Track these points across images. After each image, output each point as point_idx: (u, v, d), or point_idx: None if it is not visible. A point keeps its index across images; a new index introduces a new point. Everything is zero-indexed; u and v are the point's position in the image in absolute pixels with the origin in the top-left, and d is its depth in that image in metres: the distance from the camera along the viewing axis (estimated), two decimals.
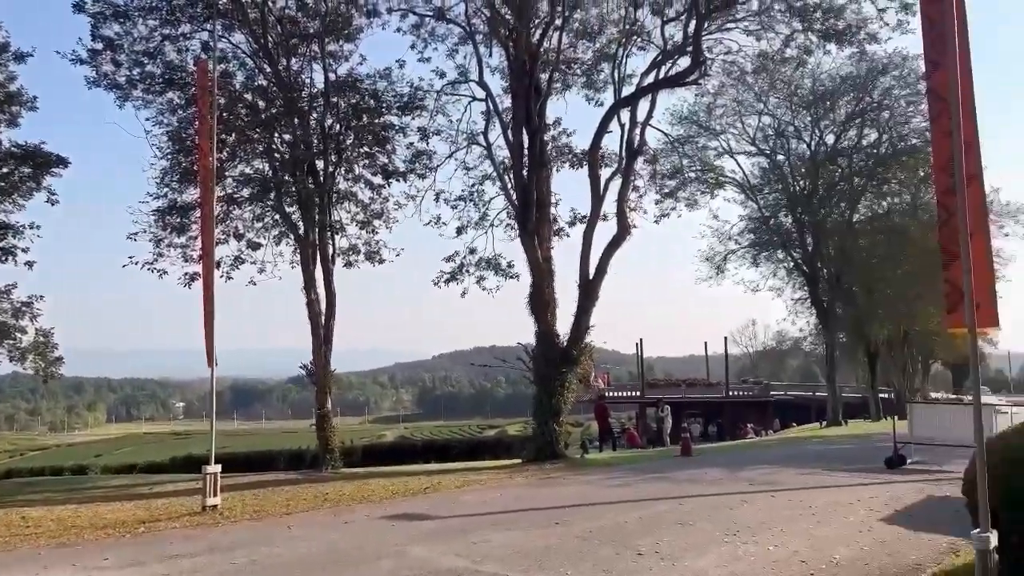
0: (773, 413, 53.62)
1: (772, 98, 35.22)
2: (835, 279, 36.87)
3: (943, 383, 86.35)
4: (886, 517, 9.72)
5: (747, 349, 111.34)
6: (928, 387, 66.40)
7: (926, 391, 60.84)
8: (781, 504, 10.85)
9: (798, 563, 7.33)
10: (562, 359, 18.82)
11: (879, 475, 13.99)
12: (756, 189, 38.25)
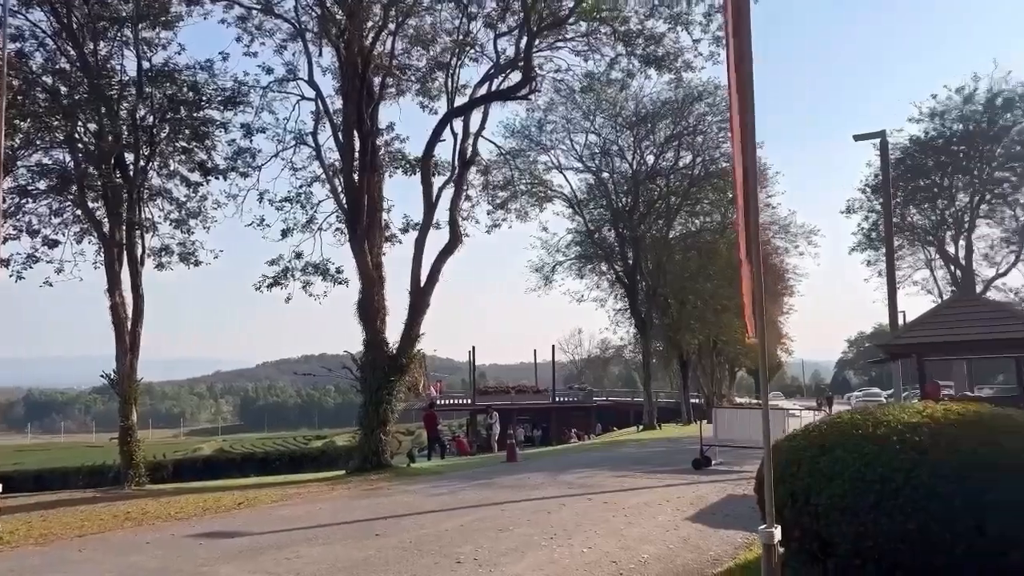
0: (596, 418, 55.99)
1: (599, 117, 36.91)
2: (652, 291, 39.06)
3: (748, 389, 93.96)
4: (691, 516, 10.34)
5: (574, 357, 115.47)
6: (734, 392, 71.83)
7: (732, 396, 65.74)
8: (597, 506, 11.26)
9: (609, 563, 7.61)
10: (391, 367, 18.58)
11: (687, 476, 14.90)
12: (583, 204, 39.82)
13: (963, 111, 35.92)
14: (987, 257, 38.64)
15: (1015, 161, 35.84)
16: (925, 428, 5.70)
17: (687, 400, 43.96)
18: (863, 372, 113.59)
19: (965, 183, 37.04)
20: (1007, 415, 5.88)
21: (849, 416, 6.71)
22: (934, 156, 36.86)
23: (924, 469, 5.32)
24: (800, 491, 5.94)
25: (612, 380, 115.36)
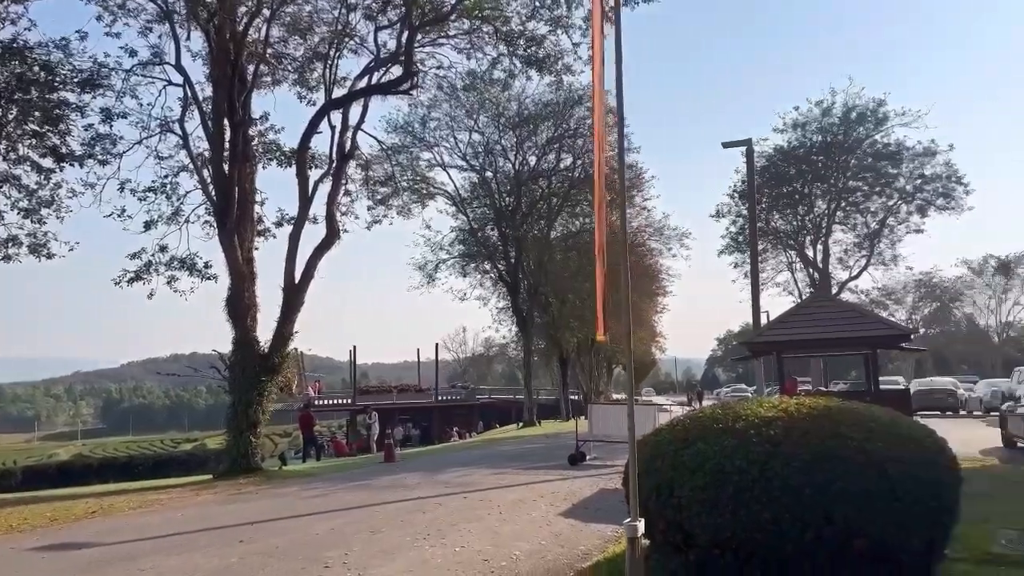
0: (478, 416, 56.23)
1: (482, 116, 36.98)
2: (533, 290, 39.52)
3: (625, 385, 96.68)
4: (564, 511, 10.48)
5: (458, 355, 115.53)
6: (611, 389, 73.77)
7: (609, 393, 67.52)
8: (472, 504, 11.22)
9: (481, 562, 7.58)
10: (262, 367, 17.87)
11: (562, 471, 15.13)
12: (466, 202, 39.81)
13: (822, 123, 38.45)
14: (841, 261, 41.51)
15: (866, 172, 38.69)
16: (779, 422, 5.94)
17: (566, 397, 44.77)
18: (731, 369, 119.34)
19: (823, 191, 39.62)
20: (852, 409, 6.22)
21: (711, 411, 6.94)
22: (796, 165, 39.23)
23: (778, 461, 5.54)
24: (664, 484, 6.07)
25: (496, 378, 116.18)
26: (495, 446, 25.06)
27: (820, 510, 5.31)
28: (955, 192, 37.94)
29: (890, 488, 5.35)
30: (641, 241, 43.88)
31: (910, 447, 5.70)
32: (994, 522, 7.90)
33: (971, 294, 70.80)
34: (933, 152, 37.71)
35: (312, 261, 19.23)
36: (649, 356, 72.26)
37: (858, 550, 5.26)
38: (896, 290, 62.78)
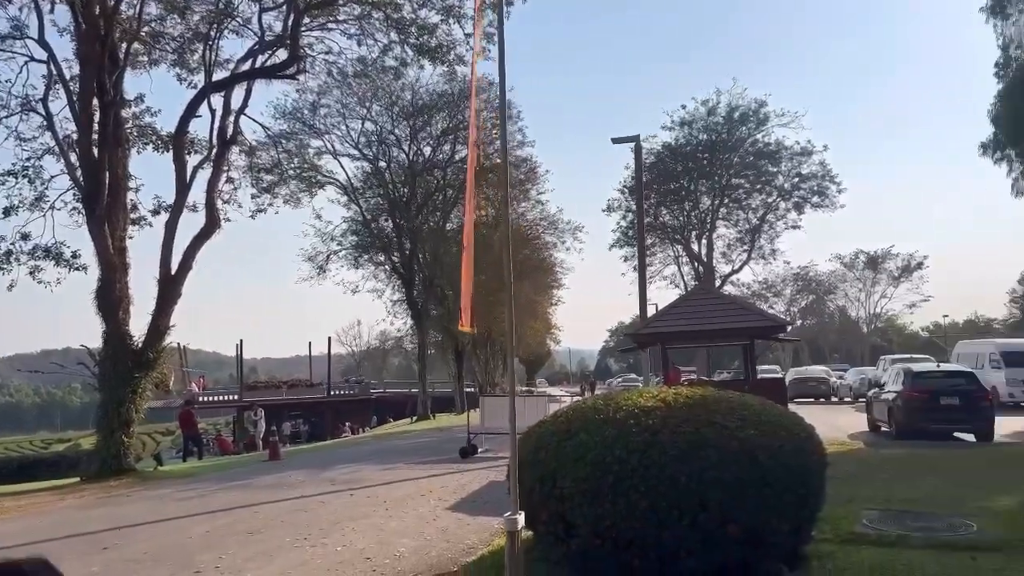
0: (373, 410, 55.34)
1: (375, 105, 36.28)
2: (429, 282, 39.19)
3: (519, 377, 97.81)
4: (452, 505, 10.38)
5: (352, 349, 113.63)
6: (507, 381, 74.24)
7: (504, 385, 67.89)
8: (359, 501, 10.97)
9: (363, 560, 7.37)
10: (135, 363, 16.86)
11: (453, 465, 15.03)
12: (359, 192, 39.00)
13: (707, 122, 39.84)
14: (724, 255, 43.19)
15: (748, 170, 40.38)
16: (658, 412, 6.02)
17: (461, 390, 44.69)
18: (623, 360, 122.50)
19: (708, 188, 41.08)
20: (726, 398, 6.39)
21: (593, 401, 6.99)
22: (682, 162, 40.54)
23: (656, 450, 5.61)
24: (547, 476, 6.05)
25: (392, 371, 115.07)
26: (387, 441, 24.71)
27: (696, 497, 5.41)
28: (829, 190, 40.19)
29: (761, 474, 5.51)
30: (536, 235, 44.26)
31: (780, 434, 5.89)
32: (858, 503, 8.33)
33: (843, 287, 75.40)
34: (809, 152, 39.83)
35: (190, 251, 18.28)
36: (544, 348, 73.28)
37: (731, 535, 5.40)
38: (775, 283, 66.14)
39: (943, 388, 16.60)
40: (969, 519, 7.26)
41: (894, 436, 16.93)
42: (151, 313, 17.66)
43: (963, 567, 5.60)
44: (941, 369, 18.90)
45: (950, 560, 5.85)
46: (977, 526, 6.96)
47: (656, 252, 43.66)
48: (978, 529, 6.84)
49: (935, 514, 7.63)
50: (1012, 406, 23.51)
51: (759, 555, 5.54)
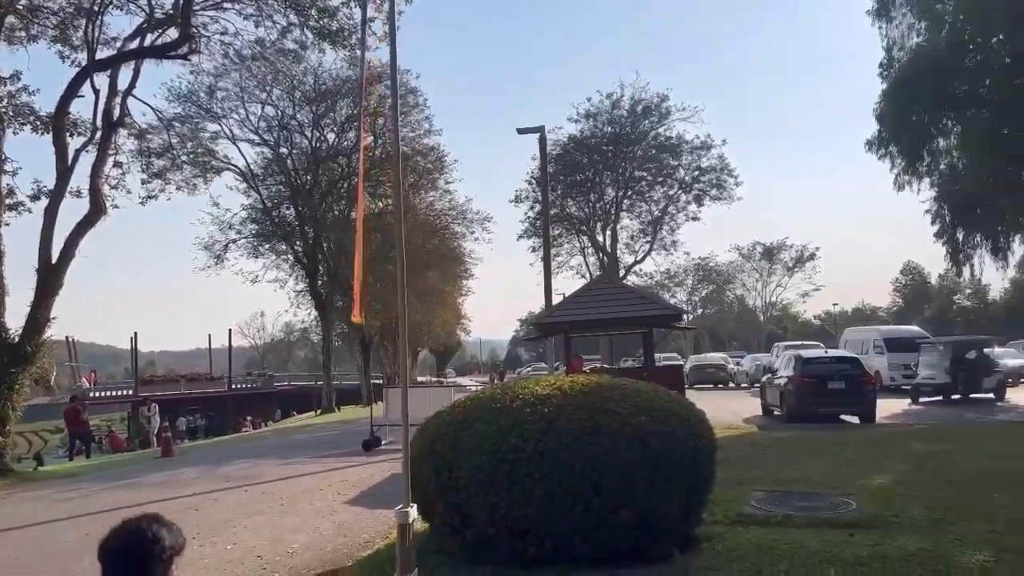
0: (276, 404, 53.96)
1: (276, 89, 35.09)
2: (333, 272, 38.33)
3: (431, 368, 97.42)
4: (351, 499, 10.17)
5: (255, 341, 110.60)
6: (416, 372, 73.78)
7: (414, 376, 67.43)
8: (253, 498, 10.61)
9: (254, 559, 7.12)
10: (12, 357, 15.77)
11: (355, 458, 14.76)
12: (259, 179, 37.71)
13: (612, 115, 40.47)
14: (628, 246, 44.08)
15: (651, 163, 41.30)
16: (554, 399, 6.03)
17: (368, 382, 44.05)
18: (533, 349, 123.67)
19: (612, 180, 41.77)
20: (620, 385, 6.45)
21: (491, 390, 6.94)
22: (588, 154, 41.06)
23: (551, 437, 5.61)
24: (444, 466, 5.98)
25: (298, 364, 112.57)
26: (289, 435, 24.10)
27: (589, 483, 5.44)
28: (727, 183, 41.59)
29: (653, 459, 5.60)
30: (444, 224, 43.95)
31: (672, 420, 5.99)
32: (747, 484, 8.61)
33: (741, 277, 78.34)
34: (708, 146, 41.07)
35: (73, 239, 17.20)
36: (455, 338, 73.07)
37: (624, 520, 5.46)
38: (677, 273, 67.95)
39: (830, 373, 17.42)
40: (849, 497, 7.60)
41: (785, 420, 17.67)
42: (30, 304, 16.56)
43: (842, 543, 5.84)
44: (828, 355, 19.84)
45: (831, 537, 6.09)
46: (856, 504, 7.30)
47: (563, 243, 44.17)
48: (857, 507, 7.17)
49: (818, 493, 7.97)
50: (894, 389, 24.93)
51: (651, 539, 5.63)
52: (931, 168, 25.26)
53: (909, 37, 24.72)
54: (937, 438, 11.98)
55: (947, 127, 24.21)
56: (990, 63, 21.72)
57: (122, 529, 2.25)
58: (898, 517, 6.68)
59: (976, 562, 5.20)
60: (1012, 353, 30.38)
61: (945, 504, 7.07)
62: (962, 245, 25.33)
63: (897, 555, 5.42)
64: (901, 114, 24.06)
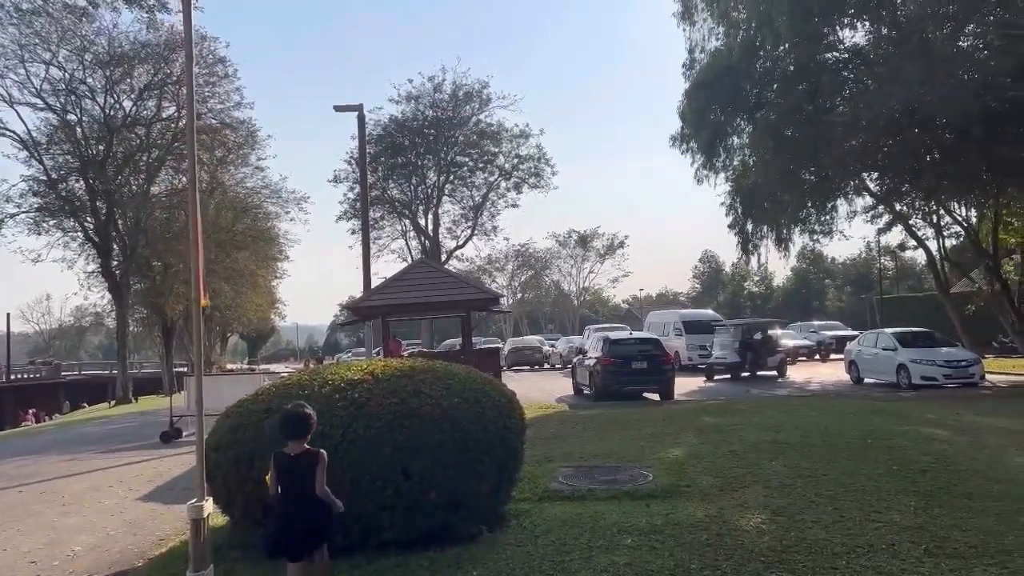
0: (64, 395, 49.38)
1: (63, 49, 31.54)
2: (131, 252, 35.33)
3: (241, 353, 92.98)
4: (145, 495, 9.46)
5: (40, 326, 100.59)
6: (225, 358, 70.09)
7: (224, 363, 64.02)
8: (30, 498, 9.59)
9: (27, 564, 6.45)
10: None
11: (153, 451, 13.77)
12: (42, 148, 33.86)
13: (434, 98, 40.31)
14: (450, 230, 44.20)
15: (472, 148, 41.63)
16: (365, 384, 5.91)
17: (170, 370, 41.21)
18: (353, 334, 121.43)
19: (434, 163, 41.66)
20: (432, 367, 6.43)
21: (298, 377, 6.69)
22: (409, 137, 40.69)
23: (360, 422, 5.50)
24: (245, 456, 5.68)
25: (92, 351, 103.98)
26: (76, 428, 22.01)
27: (399, 466, 5.39)
28: (544, 172, 42.73)
29: (463, 439, 5.63)
30: (256, 203, 41.93)
31: (483, 401, 6.06)
32: (556, 461, 8.94)
33: (558, 263, 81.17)
34: (527, 135, 41.94)
35: None
36: (268, 323, 70.15)
37: (433, 501, 5.46)
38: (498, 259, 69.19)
39: (634, 353, 18.48)
40: (647, 470, 8.08)
41: (593, 398, 18.55)
42: None
43: (639, 513, 6.18)
44: (633, 336, 21.00)
45: (629, 508, 6.44)
46: (653, 476, 7.77)
47: (384, 226, 43.48)
48: (653, 479, 7.64)
49: (620, 467, 8.40)
50: (691, 368, 26.94)
51: (460, 518, 5.67)
52: (726, 164, 27.36)
53: (709, 40, 26.59)
54: (725, 412, 13.04)
55: (740, 126, 26.30)
56: (777, 69, 23.80)
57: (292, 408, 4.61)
58: (690, 487, 7.19)
59: (753, 524, 5.70)
60: (791, 334, 33.89)
61: (730, 473, 7.69)
62: (751, 236, 27.68)
63: (687, 522, 5.82)
64: (700, 112, 25.84)
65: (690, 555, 4.98)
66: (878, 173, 23.97)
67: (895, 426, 10.48)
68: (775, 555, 4.90)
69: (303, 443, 4.46)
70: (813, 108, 22.20)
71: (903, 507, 6.05)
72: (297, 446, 4.44)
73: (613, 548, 5.25)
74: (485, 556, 5.26)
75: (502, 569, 4.95)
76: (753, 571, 4.60)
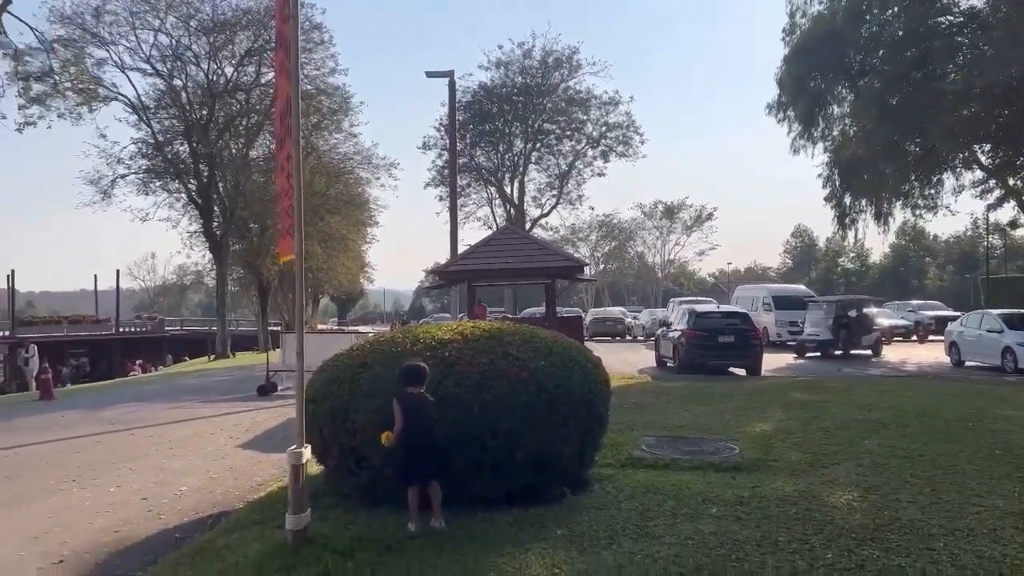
0: (167, 348, 52.07)
1: (170, 16, 32.93)
2: (230, 213, 36.85)
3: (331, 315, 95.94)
4: (244, 443, 9.95)
5: (146, 283, 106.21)
6: (316, 319, 72.45)
7: (314, 323, 66.20)
8: (139, 441, 10.23)
9: (139, 501, 6.89)
10: None
11: (250, 403, 14.45)
12: (150, 112, 35.51)
13: (523, 65, 40.07)
14: (535, 199, 44.14)
15: (560, 116, 41.27)
16: (455, 344, 6.03)
17: (265, 327, 42.97)
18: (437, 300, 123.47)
19: (521, 131, 41.53)
20: (520, 330, 6.50)
21: (391, 335, 6.86)
22: (498, 104, 40.62)
23: (451, 380, 5.62)
24: (340, 409, 5.91)
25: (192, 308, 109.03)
26: (179, 379, 23.29)
27: (487, 425, 5.49)
28: (633, 140, 42.04)
29: (549, 402, 5.69)
30: (349, 168, 42.87)
31: (569, 365, 6.09)
32: (639, 430, 8.92)
33: (642, 234, 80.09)
34: (616, 102, 41.28)
35: None
36: (357, 286, 71.98)
37: (519, 461, 5.56)
38: (582, 228, 68.94)
39: (721, 327, 18.15)
40: (733, 443, 7.99)
41: (677, 371, 18.36)
42: None
43: (724, 485, 6.13)
44: (720, 310, 20.60)
45: (714, 479, 6.40)
46: (739, 449, 7.67)
47: (470, 193, 43.75)
48: (739, 452, 7.55)
49: (705, 439, 8.33)
50: (780, 345, 26.28)
51: (545, 479, 5.75)
52: (825, 134, 26.32)
53: (811, 4, 25.47)
54: (815, 389, 12.70)
55: (841, 94, 25.20)
56: (884, 35, 22.63)
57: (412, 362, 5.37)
58: (777, 461, 7.07)
59: (844, 501, 5.57)
60: (888, 313, 32.55)
61: (820, 449, 7.53)
62: (849, 209, 26.63)
63: (774, 495, 5.74)
64: (800, 80, 24.88)
65: (777, 528, 4.92)
66: (991, 145, 22.60)
67: (998, 410, 10.00)
68: (867, 533, 4.78)
69: (419, 390, 5.19)
70: (922, 76, 21.04)
71: (1007, 492, 5.79)
72: (415, 389, 5.19)
73: (698, 516, 5.23)
74: (568, 517, 5.33)
75: (585, 531, 5.01)
76: (844, 547, 4.51)
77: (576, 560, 4.41)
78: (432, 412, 5.18)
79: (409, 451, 5.14)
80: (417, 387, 5.20)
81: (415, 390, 5.19)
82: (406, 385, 5.21)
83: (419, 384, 5.22)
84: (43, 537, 5.78)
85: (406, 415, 5.13)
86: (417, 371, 5.26)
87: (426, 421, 5.15)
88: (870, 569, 4.15)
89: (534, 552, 4.56)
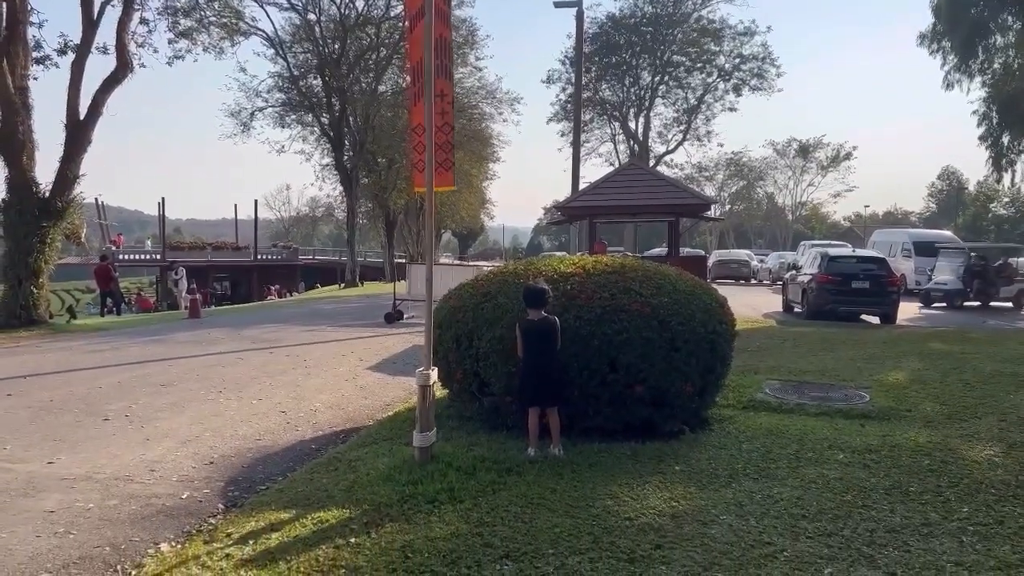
0: (300, 276, 54.85)
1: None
2: (360, 147, 38.00)
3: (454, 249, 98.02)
4: (373, 365, 10.44)
5: (281, 214, 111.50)
6: (439, 253, 74.26)
7: (438, 256, 67.88)
8: (277, 360, 10.92)
9: (278, 413, 7.39)
10: (42, 211, 16.01)
11: (377, 329, 15.09)
12: (286, 46, 36.82)
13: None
14: (661, 135, 42.95)
15: (691, 47, 39.62)
16: (576, 277, 6.03)
17: (391, 259, 44.50)
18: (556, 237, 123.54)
19: (649, 64, 40.23)
20: (643, 267, 6.41)
21: (513, 266, 6.94)
22: (625, 35, 39.40)
23: (571, 312, 5.65)
24: (464, 335, 6.08)
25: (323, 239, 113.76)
26: (312, 304, 24.57)
27: (606, 359, 5.51)
28: (768, 74, 39.94)
29: (671, 339, 5.63)
30: (473, 103, 43.03)
31: (693, 303, 5.98)
32: (763, 373, 8.71)
33: (773, 174, 76.58)
34: (752, 32, 39.19)
35: (100, 96, 17.04)
36: (478, 222, 72.99)
37: (638, 395, 5.56)
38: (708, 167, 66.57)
39: (855, 272, 17.23)
40: (863, 391, 7.67)
41: (805, 316, 17.67)
42: (59, 160, 16.64)
43: (853, 432, 5.92)
44: (855, 254, 19.53)
45: (842, 426, 6.19)
46: (870, 397, 7.36)
47: (593, 129, 43.09)
48: (870, 400, 7.24)
49: (833, 385, 8.04)
50: (918, 293, 24.73)
51: (663, 415, 5.74)
52: (984, 67, 24.09)
53: None
54: (957, 340, 11.95)
55: (1006, 23, 22.89)
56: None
57: (532, 283, 5.42)
58: (911, 411, 6.75)
59: (984, 456, 5.26)
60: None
61: (959, 402, 7.12)
62: (1007, 150, 24.47)
63: (906, 445, 5.50)
64: (959, 7, 22.73)
65: (909, 478, 4.72)
66: None
67: None
68: (1009, 489, 4.51)
69: (541, 312, 5.27)
70: None
71: None
72: (536, 314, 5.27)
73: (823, 462, 5.09)
74: (687, 454, 5.31)
75: (704, 468, 4.98)
76: (982, 502, 4.28)
77: (695, 496, 4.41)
78: (552, 337, 5.24)
79: (528, 376, 5.28)
80: (538, 310, 5.26)
81: (536, 314, 5.26)
82: (528, 307, 5.30)
83: (540, 306, 5.26)
84: (195, 440, 6.33)
85: (526, 340, 5.27)
86: (538, 293, 5.28)
87: (545, 347, 5.23)
88: (1010, 526, 3.93)
89: (651, 484, 4.59)
